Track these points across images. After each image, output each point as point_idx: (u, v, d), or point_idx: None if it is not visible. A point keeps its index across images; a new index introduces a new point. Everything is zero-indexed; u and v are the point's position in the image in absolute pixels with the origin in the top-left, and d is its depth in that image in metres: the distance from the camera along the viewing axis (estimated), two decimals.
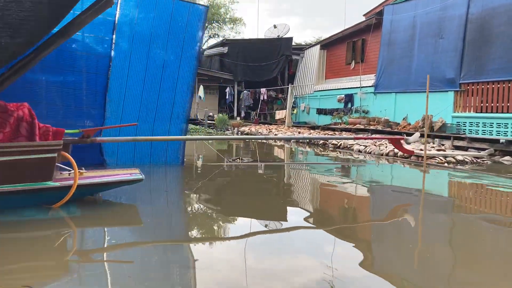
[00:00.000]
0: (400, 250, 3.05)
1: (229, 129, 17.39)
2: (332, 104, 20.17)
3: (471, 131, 12.65)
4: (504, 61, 11.80)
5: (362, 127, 15.90)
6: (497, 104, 12.08)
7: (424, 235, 3.50)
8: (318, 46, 21.89)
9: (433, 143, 10.75)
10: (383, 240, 3.39)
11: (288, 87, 24.00)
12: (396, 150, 8.42)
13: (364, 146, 9.76)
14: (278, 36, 24.49)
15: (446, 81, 13.62)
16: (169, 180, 6.21)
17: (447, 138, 10.62)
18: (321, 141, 12.22)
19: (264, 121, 22.81)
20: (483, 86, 12.48)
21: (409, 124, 14.85)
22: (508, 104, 11.67)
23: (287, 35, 23.45)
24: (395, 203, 4.79)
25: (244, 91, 22.72)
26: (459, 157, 7.57)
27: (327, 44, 21.56)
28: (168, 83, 6.60)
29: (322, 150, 11.67)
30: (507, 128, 11.44)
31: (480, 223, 3.88)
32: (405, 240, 3.33)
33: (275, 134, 13.38)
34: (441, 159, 7.30)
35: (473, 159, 7.76)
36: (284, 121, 19.39)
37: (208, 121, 18.08)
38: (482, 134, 12.19)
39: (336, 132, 16.09)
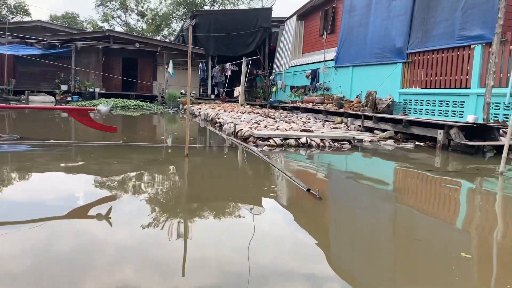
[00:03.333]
0: None
1: (179, 106, 16.50)
2: (302, 80, 18.59)
3: (416, 111, 10.87)
4: (448, 24, 9.86)
5: (315, 105, 14.36)
6: (441, 78, 10.19)
7: None
8: (295, 17, 20.17)
9: (347, 124, 9.23)
10: None
11: (265, 62, 22.58)
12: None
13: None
14: (263, 6, 22.92)
15: (396, 51, 11.85)
16: None
17: (358, 117, 9.05)
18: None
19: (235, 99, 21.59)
20: (428, 56, 10.59)
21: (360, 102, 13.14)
22: (451, 78, 9.77)
23: (273, 5, 21.80)
24: None
25: (216, 67, 21.59)
26: (317, 140, 6.17)
27: (304, 14, 19.83)
28: None
29: None
30: (448, 107, 9.61)
31: None
32: None
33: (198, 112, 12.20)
34: (273, 142, 5.95)
35: (332, 143, 6.32)
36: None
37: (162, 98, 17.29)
38: (426, 115, 10.41)
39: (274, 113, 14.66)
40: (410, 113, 11.16)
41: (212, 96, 22.41)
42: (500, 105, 8.40)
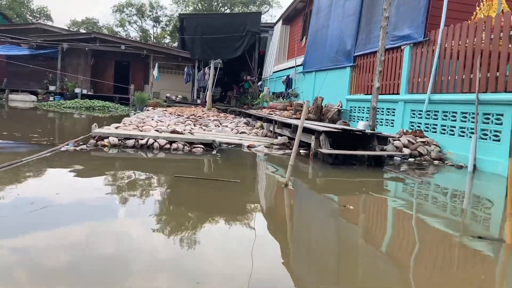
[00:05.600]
0: None
1: (147, 109, 16.32)
2: (281, 87, 17.96)
3: (359, 119, 10.00)
4: (392, 22, 8.96)
5: (273, 111, 13.70)
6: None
7: None
8: (280, 22, 19.61)
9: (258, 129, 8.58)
10: None
11: (254, 68, 22.10)
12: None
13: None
14: (251, 11, 22.53)
15: (345, 54, 11.03)
16: None
17: (271, 122, 8.36)
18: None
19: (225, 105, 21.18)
20: (370, 59, 9.72)
21: None
22: (385, 83, 8.88)
23: (266, 12, 21.36)
24: None
25: (200, 71, 21.34)
26: (161, 142, 5.58)
27: (288, 18, 19.24)
28: None
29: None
30: (383, 115, 8.72)
31: None
32: None
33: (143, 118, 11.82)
34: (107, 142, 5.41)
35: (182, 146, 5.70)
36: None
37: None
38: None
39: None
40: (354, 121, 10.28)
41: (198, 101, 22.15)
42: (422, 113, 7.46)
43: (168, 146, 5.63)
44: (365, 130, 5.74)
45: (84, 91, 20.99)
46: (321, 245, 2.41)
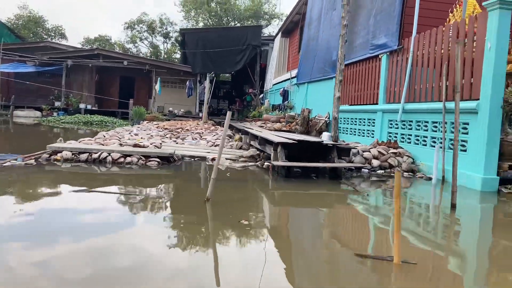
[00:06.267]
0: None
1: (143, 123, 16.45)
2: (279, 99, 17.87)
3: (345, 130, 9.80)
4: (365, 33, 8.85)
5: (265, 123, 13.61)
6: (359, 93, 9.11)
7: None
8: (280, 34, 19.64)
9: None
10: None
11: (256, 81, 22.12)
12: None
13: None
14: (252, 24, 22.69)
15: (332, 64, 10.86)
16: None
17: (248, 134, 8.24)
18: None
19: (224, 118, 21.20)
20: (353, 69, 9.56)
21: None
22: (367, 93, 8.68)
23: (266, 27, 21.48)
24: None
25: (202, 85, 21.48)
26: (115, 156, 5.53)
27: (287, 31, 19.25)
28: None
29: None
30: (365, 125, 8.51)
31: None
32: None
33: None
34: (59, 156, 5.41)
35: (137, 160, 5.65)
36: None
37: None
38: (351, 135, 9.32)
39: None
40: (340, 132, 10.05)
41: (200, 114, 22.25)
42: (399, 123, 7.22)
43: (122, 160, 5.57)
44: (322, 141, 5.55)
45: (89, 107, 21.39)
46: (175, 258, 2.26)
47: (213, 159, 6.44)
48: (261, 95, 21.82)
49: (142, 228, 2.93)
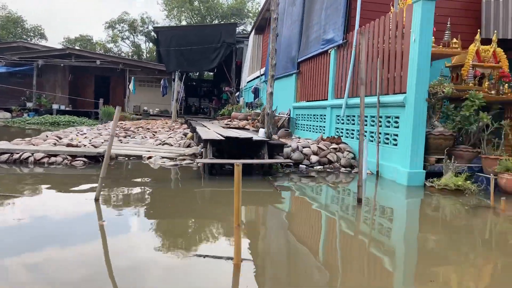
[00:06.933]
0: None
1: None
2: (251, 97, 17.74)
3: (303, 127, 9.69)
4: (318, 28, 8.75)
5: (231, 121, 13.48)
6: (314, 89, 9.02)
7: None
8: (253, 31, 19.50)
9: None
10: None
11: (232, 78, 21.97)
12: None
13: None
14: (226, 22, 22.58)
15: (291, 60, 10.76)
16: None
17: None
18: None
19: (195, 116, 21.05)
20: (308, 65, 9.47)
21: None
22: (321, 88, 8.59)
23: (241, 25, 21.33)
24: None
25: (177, 83, 21.25)
26: (38, 155, 5.35)
27: (260, 28, 19.07)
28: None
29: None
30: (318, 121, 8.41)
31: None
32: None
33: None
34: None
35: (62, 160, 5.49)
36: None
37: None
38: (308, 131, 9.22)
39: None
40: (299, 129, 9.97)
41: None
42: (344, 118, 7.14)
43: (45, 160, 5.40)
44: (251, 137, 5.43)
45: (62, 107, 21.05)
46: None
47: (149, 158, 6.29)
48: (237, 93, 21.68)
49: None
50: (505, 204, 3.85)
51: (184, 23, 39.81)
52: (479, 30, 6.79)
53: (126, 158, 6.30)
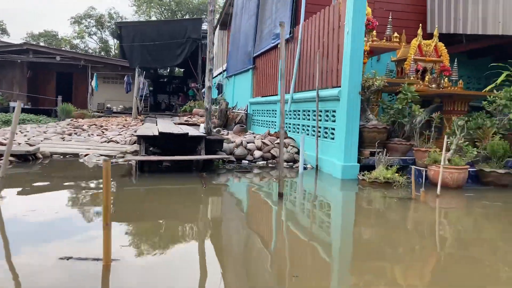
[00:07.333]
0: None
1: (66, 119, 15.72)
2: (216, 92, 17.55)
3: (259, 123, 9.60)
4: (270, 22, 8.67)
5: (190, 117, 13.29)
6: (267, 84, 8.94)
7: None
8: (218, 27, 19.29)
9: None
10: None
11: (198, 74, 21.70)
12: None
13: None
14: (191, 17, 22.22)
15: (248, 55, 10.64)
16: None
17: None
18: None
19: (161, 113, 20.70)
20: (262, 59, 9.37)
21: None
22: (273, 83, 8.51)
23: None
24: None
25: (141, 80, 20.81)
26: None
27: (224, 23, 18.89)
28: None
29: None
30: (270, 117, 8.34)
31: None
32: None
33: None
34: None
35: None
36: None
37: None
38: (262, 127, 9.13)
39: None
40: (255, 125, 9.89)
41: (141, 110, 21.60)
42: (291, 113, 7.10)
43: None
44: (187, 133, 5.28)
45: (21, 105, 20.26)
46: None
47: (86, 155, 6.06)
48: (203, 89, 21.44)
49: None
50: (424, 195, 3.87)
51: (154, 18, 39.09)
52: (421, 25, 6.88)
53: (61, 157, 6.04)
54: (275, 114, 8.09)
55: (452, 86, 6.62)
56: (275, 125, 8.10)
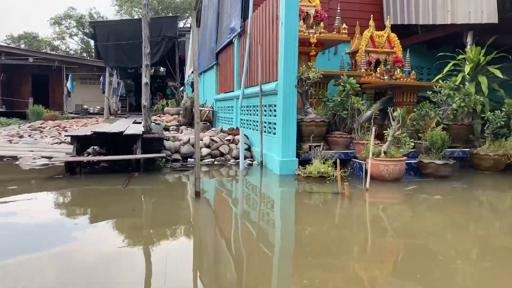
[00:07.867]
0: None
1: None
2: (190, 91, 17.36)
3: (224, 120, 9.43)
4: (227, 16, 8.49)
5: (159, 115, 13.12)
6: (226, 80, 8.79)
7: None
8: (196, 24, 18.99)
9: None
10: None
11: (176, 73, 21.48)
12: None
13: None
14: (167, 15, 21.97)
15: (212, 51, 10.45)
16: None
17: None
18: None
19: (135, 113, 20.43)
20: (224, 54, 9.20)
21: None
22: (230, 78, 8.34)
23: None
24: None
25: (115, 79, 20.53)
26: None
27: (198, 20, 18.61)
28: None
29: None
30: (228, 113, 8.18)
31: None
32: None
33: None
34: None
35: None
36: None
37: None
38: (225, 125, 8.96)
39: None
40: (220, 122, 9.73)
41: (119, 111, 21.32)
42: (243, 109, 6.95)
43: None
44: (122, 132, 5.12)
45: None
46: None
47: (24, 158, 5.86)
48: (182, 88, 21.24)
49: None
50: (349, 190, 3.75)
51: (136, 17, 38.67)
52: (372, 15, 6.77)
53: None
54: (233, 110, 7.94)
55: (405, 77, 6.52)
56: (232, 121, 7.95)
